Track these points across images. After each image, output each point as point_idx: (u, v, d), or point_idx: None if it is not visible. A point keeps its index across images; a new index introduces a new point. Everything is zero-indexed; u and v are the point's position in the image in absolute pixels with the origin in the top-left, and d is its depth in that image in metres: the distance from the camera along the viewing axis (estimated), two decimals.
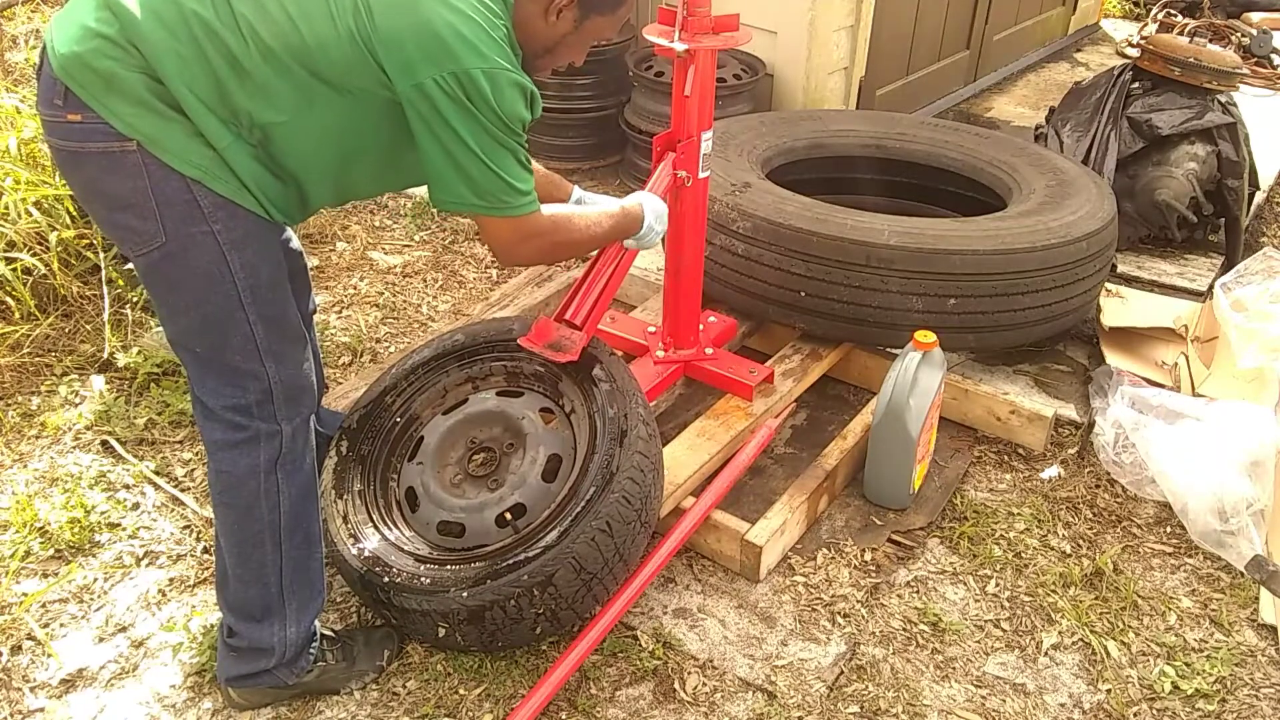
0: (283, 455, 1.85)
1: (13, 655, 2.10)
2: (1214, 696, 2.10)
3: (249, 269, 1.71)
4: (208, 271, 1.68)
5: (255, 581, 1.90)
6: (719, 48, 2.33)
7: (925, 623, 2.24)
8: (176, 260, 1.67)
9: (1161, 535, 2.51)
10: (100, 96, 1.57)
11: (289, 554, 1.90)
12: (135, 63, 1.57)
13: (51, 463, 2.60)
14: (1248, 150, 3.61)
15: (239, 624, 1.93)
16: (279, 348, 1.80)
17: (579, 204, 2.28)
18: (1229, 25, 5.74)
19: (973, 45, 5.01)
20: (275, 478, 1.85)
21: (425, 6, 1.62)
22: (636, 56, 3.90)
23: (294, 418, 1.85)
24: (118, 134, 1.58)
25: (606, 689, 2.06)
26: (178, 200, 1.63)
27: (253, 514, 1.86)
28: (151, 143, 1.59)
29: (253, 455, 1.83)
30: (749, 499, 2.53)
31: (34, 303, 3.01)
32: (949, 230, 2.70)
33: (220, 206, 1.65)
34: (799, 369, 2.79)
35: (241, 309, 1.72)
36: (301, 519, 1.91)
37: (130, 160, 1.60)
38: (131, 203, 1.63)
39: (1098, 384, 2.84)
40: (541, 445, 2.17)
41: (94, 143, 1.60)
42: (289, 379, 1.82)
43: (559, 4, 1.78)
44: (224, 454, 1.83)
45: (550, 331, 2.24)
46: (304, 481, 1.91)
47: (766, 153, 3.20)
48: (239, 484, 1.85)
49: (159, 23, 1.57)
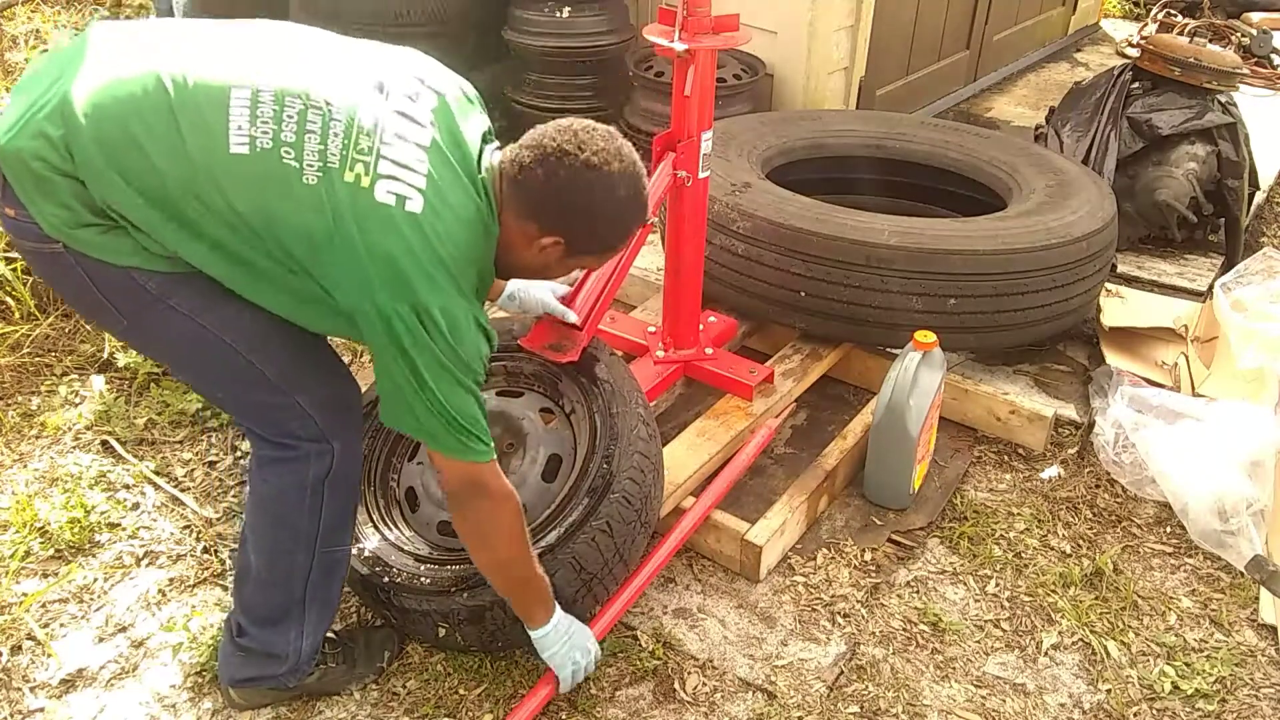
0: (333, 472, 1.81)
1: (13, 655, 2.10)
2: (1214, 696, 2.10)
3: (226, 324, 1.64)
4: (184, 337, 1.64)
5: (281, 586, 1.87)
6: (719, 48, 2.33)
7: (925, 623, 2.24)
8: (150, 335, 1.64)
9: (1161, 535, 2.51)
10: (30, 194, 1.51)
11: (320, 564, 1.88)
12: (68, 168, 1.49)
13: (51, 463, 2.60)
14: (1248, 150, 3.61)
15: (252, 625, 1.91)
16: (297, 377, 1.75)
17: (511, 298, 2.20)
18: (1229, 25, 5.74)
19: (973, 45, 5.01)
20: (321, 494, 1.82)
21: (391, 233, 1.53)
22: (636, 56, 3.90)
23: (342, 433, 1.80)
24: (44, 235, 1.53)
25: (606, 689, 2.06)
26: (122, 288, 1.58)
27: (291, 524, 1.83)
28: (77, 243, 1.54)
29: (301, 472, 1.79)
30: (749, 499, 2.53)
31: (34, 303, 3.01)
32: (949, 230, 2.70)
33: (167, 284, 1.59)
34: (799, 369, 2.79)
35: (239, 356, 1.67)
36: (339, 532, 1.89)
37: (63, 260, 1.56)
38: (79, 297, 1.60)
39: (1098, 384, 2.84)
40: (541, 445, 2.17)
41: (28, 241, 1.56)
42: (323, 400, 1.77)
43: (544, 244, 1.67)
44: (271, 468, 1.79)
45: (550, 332, 2.24)
46: (348, 495, 1.89)
47: (766, 153, 3.20)
48: (281, 495, 1.81)
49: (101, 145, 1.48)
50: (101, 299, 1.60)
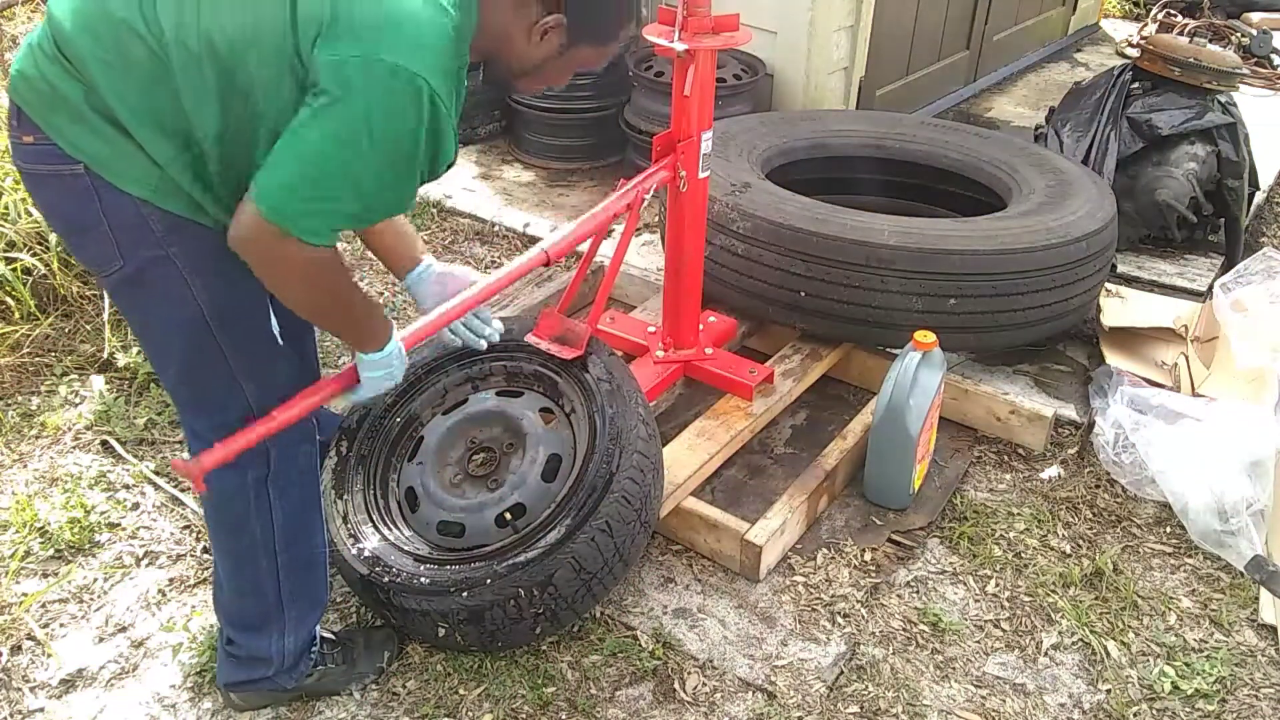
0: (272, 473, 1.80)
1: (13, 655, 2.10)
2: (1214, 696, 2.10)
3: (212, 291, 1.62)
4: (168, 295, 1.62)
5: (251, 593, 1.88)
6: (719, 48, 2.33)
7: (925, 623, 2.24)
8: (136, 284, 1.62)
9: (1161, 535, 2.51)
10: (45, 115, 1.51)
11: (286, 566, 1.87)
12: (70, 73, 1.49)
13: (51, 463, 2.60)
14: (1248, 150, 3.61)
15: (236, 633, 1.92)
16: (254, 369, 1.72)
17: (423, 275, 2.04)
18: (1229, 25, 5.74)
19: (972, 45, 5.01)
20: (266, 494, 1.81)
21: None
22: (636, 56, 3.90)
23: (281, 436, 1.75)
24: (65, 155, 1.53)
25: (606, 689, 2.06)
26: (130, 223, 1.56)
27: (244, 529, 1.83)
28: (97, 163, 1.53)
29: (240, 474, 1.77)
30: (749, 499, 2.53)
31: (34, 303, 3.01)
32: (949, 230, 2.70)
33: (174, 228, 1.57)
34: (799, 369, 2.79)
35: (209, 333, 1.65)
36: (300, 531, 1.88)
37: (81, 183, 1.54)
38: (87, 226, 1.58)
39: (1098, 384, 2.84)
40: (541, 445, 2.17)
41: (45, 165, 1.55)
42: (269, 400, 1.74)
43: (545, 25, 1.62)
44: (212, 474, 1.74)
45: (556, 324, 2.24)
46: (301, 495, 1.87)
47: (766, 153, 3.20)
48: (228, 501, 1.81)
49: (87, 31, 1.48)
50: (109, 233, 1.58)
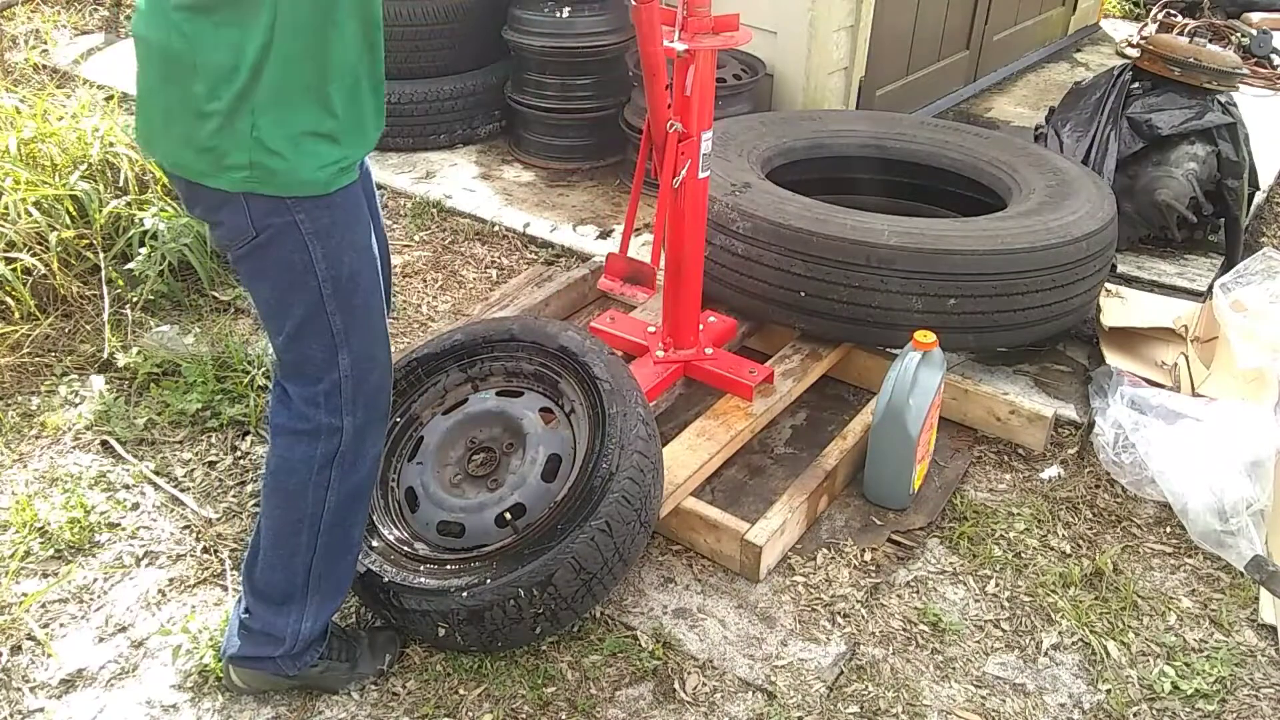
0: (340, 453, 1.84)
1: (13, 655, 2.10)
2: (1214, 696, 2.10)
3: (331, 260, 1.72)
4: (290, 262, 1.71)
5: (283, 567, 1.90)
6: (719, 48, 2.33)
7: (925, 623, 2.24)
8: (263, 251, 1.71)
9: (1161, 535, 2.51)
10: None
11: (324, 548, 1.90)
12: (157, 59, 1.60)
13: (51, 463, 2.60)
14: (1248, 150, 3.61)
15: (256, 605, 1.94)
16: (356, 341, 1.80)
17: None
18: (1229, 25, 5.74)
19: (973, 45, 5.01)
20: (329, 473, 1.85)
21: None
22: (636, 57, 3.90)
23: (360, 415, 1.84)
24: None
25: (606, 689, 2.06)
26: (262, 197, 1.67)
27: (298, 502, 1.86)
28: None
29: (311, 447, 1.83)
30: (749, 499, 2.53)
31: (34, 303, 3.01)
32: (949, 230, 2.70)
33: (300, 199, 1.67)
34: (799, 369, 2.79)
35: (320, 299, 1.74)
36: (345, 519, 1.91)
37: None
38: (228, 200, 1.67)
39: (1098, 384, 2.84)
40: (541, 445, 2.17)
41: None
42: (360, 374, 1.81)
43: None
44: (284, 439, 1.84)
45: (623, 264, 2.26)
46: (358, 482, 1.90)
47: (766, 153, 3.20)
48: (291, 471, 1.85)
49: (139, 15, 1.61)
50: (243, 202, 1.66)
